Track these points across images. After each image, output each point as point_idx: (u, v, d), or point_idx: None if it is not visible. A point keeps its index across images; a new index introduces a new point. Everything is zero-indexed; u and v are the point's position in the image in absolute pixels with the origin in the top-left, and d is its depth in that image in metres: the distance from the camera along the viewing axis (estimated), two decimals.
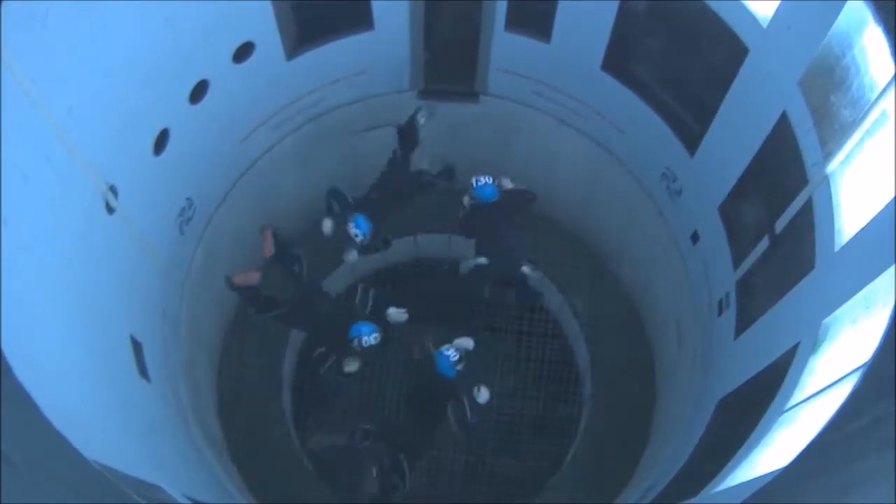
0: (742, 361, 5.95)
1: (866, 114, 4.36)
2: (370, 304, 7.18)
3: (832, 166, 4.78)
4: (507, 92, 7.70)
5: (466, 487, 9.04)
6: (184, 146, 6.00)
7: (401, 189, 7.54)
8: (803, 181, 5.14)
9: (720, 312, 6.66)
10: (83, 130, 4.62)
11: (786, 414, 4.67)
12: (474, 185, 7.17)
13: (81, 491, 3.34)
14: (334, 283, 9.04)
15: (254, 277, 6.35)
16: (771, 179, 5.71)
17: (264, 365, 8.45)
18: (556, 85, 7.37)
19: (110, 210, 5.18)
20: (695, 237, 7.10)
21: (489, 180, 7.16)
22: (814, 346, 4.69)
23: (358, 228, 7.13)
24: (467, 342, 6.88)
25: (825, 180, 4.86)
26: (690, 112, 6.53)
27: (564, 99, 7.46)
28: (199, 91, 5.91)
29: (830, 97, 4.79)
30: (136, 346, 5.68)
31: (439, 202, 7.95)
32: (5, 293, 3.46)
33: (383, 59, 7.23)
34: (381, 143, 8.14)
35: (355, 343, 6.72)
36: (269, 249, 6.56)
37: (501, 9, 6.73)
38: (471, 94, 7.80)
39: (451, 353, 6.75)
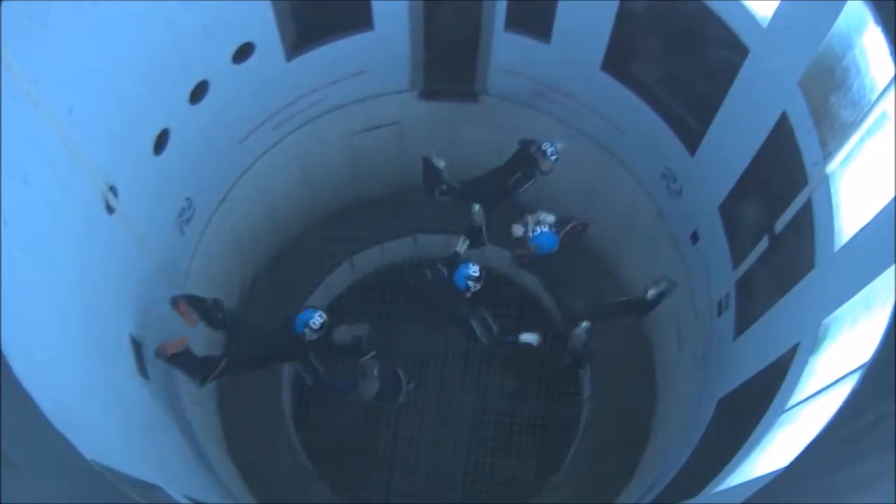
0: (742, 361, 5.95)
1: (866, 114, 4.36)
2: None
3: (832, 166, 4.78)
4: (507, 92, 7.69)
5: (466, 487, 9.04)
6: (184, 146, 6.00)
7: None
8: (803, 181, 5.14)
9: (720, 313, 6.66)
10: (83, 130, 4.62)
11: (786, 414, 4.67)
12: (532, 233, 6.93)
13: (81, 491, 3.34)
14: (334, 284, 9.04)
15: (182, 342, 6.05)
16: (771, 179, 5.71)
17: None
18: (556, 85, 7.37)
19: (110, 210, 5.18)
20: (695, 237, 7.10)
21: (546, 228, 6.93)
22: (814, 346, 4.69)
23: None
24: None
25: (825, 180, 4.86)
26: (690, 112, 6.53)
27: (564, 99, 7.46)
28: (199, 91, 5.91)
29: (830, 97, 4.79)
30: (136, 346, 5.68)
31: (439, 205, 7.91)
32: (5, 293, 3.46)
33: (383, 59, 7.22)
34: (381, 143, 8.14)
35: (307, 333, 6.28)
36: (193, 319, 6.29)
37: (501, 9, 6.72)
38: (471, 94, 7.79)
39: (473, 268, 6.67)
